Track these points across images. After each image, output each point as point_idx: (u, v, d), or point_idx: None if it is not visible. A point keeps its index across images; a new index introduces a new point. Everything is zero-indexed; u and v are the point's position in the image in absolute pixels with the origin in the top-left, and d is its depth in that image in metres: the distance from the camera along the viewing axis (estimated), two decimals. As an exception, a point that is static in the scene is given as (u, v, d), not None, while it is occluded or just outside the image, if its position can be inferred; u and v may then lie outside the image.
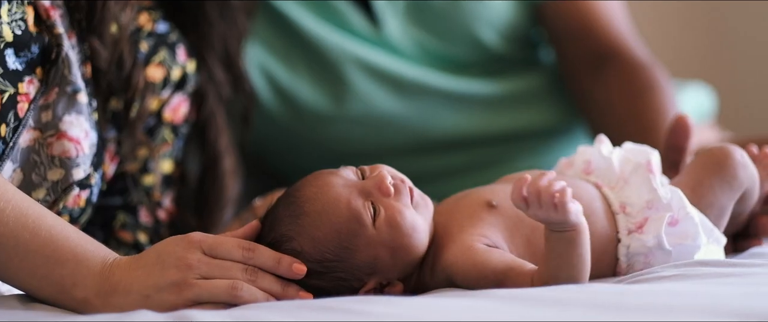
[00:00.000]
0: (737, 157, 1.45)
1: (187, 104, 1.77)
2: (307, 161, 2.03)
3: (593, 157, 1.48)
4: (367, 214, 1.33)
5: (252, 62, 2.03)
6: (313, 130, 2.08)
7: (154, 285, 1.29)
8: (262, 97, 2.05)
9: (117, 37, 1.63)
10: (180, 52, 1.75)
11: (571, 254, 1.26)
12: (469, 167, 2.12)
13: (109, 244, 1.69)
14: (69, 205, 1.55)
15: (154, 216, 1.74)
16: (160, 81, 1.72)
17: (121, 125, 1.67)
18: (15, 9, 1.49)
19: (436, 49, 2.08)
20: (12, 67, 1.47)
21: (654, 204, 1.39)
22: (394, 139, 2.09)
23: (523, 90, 2.14)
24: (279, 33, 2.06)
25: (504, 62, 2.12)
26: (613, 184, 1.44)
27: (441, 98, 2.09)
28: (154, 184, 1.74)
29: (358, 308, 1.14)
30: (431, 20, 2.07)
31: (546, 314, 1.12)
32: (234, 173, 1.84)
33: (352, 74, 2.05)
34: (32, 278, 1.31)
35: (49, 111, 1.52)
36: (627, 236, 1.40)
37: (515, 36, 2.11)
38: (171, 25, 1.76)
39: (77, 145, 1.53)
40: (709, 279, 1.24)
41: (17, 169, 1.49)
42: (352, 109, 2.06)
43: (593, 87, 2.06)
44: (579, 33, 2.08)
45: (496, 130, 2.13)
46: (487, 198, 1.39)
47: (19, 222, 1.30)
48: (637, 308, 1.11)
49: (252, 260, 1.32)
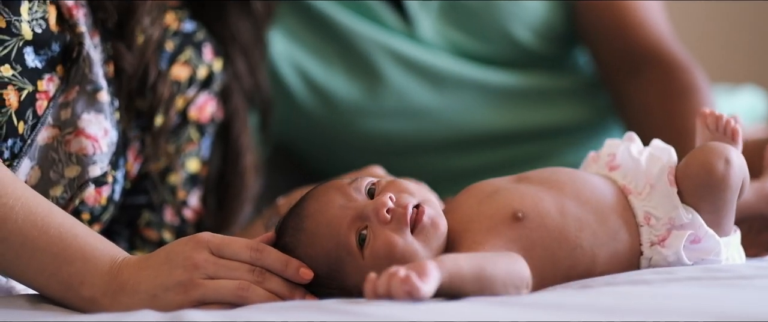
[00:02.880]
0: (719, 172, 1.36)
1: (214, 103, 1.77)
2: (343, 157, 2.04)
3: (620, 153, 1.45)
4: (354, 244, 1.30)
5: (285, 60, 2.04)
6: (349, 125, 2.08)
7: (162, 285, 1.29)
8: (296, 94, 2.06)
9: (143, 48, 1.64)
10: (206, 50, 1.75)
11: (468, 291, 1.23)
12: (507, 163, 2.10)
13: (135, 242, 1.71)
14: (90, 203, 1.56)
15: (179, 215, 1.74)
16: (185, 80, 1.72)
17: (145, 126, 1.68)
18: (36, 8, 1.50)
19: (469, 47, 2.07)
20: (31, 65, 1.48)
21: (675, 222, 1.37)
22: (430, 133, 2.09)
23: (560, 86, 2.13)
24: (312, 29, 2.07)
25: (540, 59, 2.10)
26: (640, 189, 1.40)
27: (477, 91, 2.08)
28: (179, 183, 1.74)
29: (355, 309, 1.14)
30: (465, 19, 2.06)
31: (544, 317, 1.11)
32: (255, 170, 1.84)
33: (386, 66, 2.05)
34: (40, 276, 1.31)
35: (69, 109, 1.53)
36: (649, 248, 1.37)
37: (551, 35, 2.09)
38: (198, 24, 1.76)
39: (95, 143, 1.54)
40: (716, 283, 1.23)
41: (35, 166, 1.50)
42: (386, 102, 2.06)
43: (628, 89, 2.04)
44: (614, 33, 2.05)
45: (534, 125, 2.11)
46: (515, 208, 1.34)
47: (28, 220, 1.31)
48: (631, 311, 1.11)
49: (260, 261, 1.32)
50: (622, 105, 2.06)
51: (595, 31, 2.07)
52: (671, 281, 1.24)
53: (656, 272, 1.28)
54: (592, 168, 1.48)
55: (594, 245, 1.34)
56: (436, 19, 2.06)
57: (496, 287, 1.23)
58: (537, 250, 1.32)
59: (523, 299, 1.19)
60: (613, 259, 1.35)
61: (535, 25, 2.07)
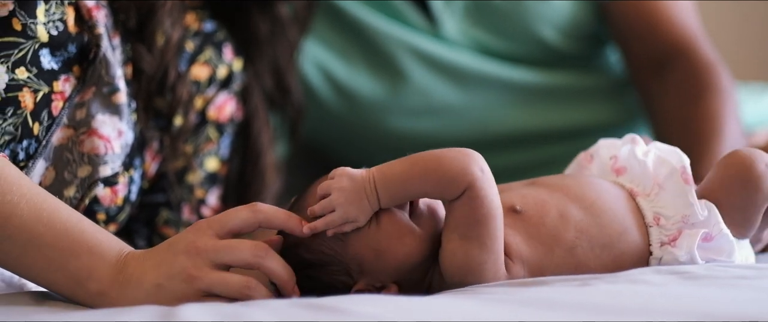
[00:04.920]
0: (758, 170, 1.38)
1: (234, 103, 1.79)
2: (367, 155, 2.04)
3: (624, 155, 1.45)
4: None
5: (308, 58, 2.05)
6: (372, 123, 2.08)
7: (166, 273, 1.29)
8: (319, 93, 2.07)
9: (163, 50, 1.66)
10: (227, 50, 1.77)
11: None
12: (531, 164, 2.10)
13: (154, 240, 1.73)
14: (105, 203, 1.58)
15: (198, 213, 1.76)
16: (205, 80, 1.74)
17: (163, 126, 1.69)
18: (53, 9, 1.51)
19: (494, 46, 2.07)
20: (47, 67, 1.50)
21: (689, 220, 1.36)
22: (454, 131, 2.09)
23: (587, 85, 2.12)
24: (336, 28, 2.07)
25: (566, 58, 2.10)
26: (647, 191, 1.40)
27: (501, 90, 2.07)
28: (197, 182, 1.76)
29: (347, 308, 1.14)
30: (490, 19, 2.06)
31: (537, 315, 1.11)
32: (275, 169, 1.85)
33: (409, 65, 2.06)
34: (47, 272, 1.32)
35: (84, 109, 1.54)
36: (659, 248, 1.37)
37: (578, 34, 2.08)
38: (218, 24, 1.78)
39: (107, 143, 1.56)
40: (715, 282, 1.22)
41: (49, 167, 1.52)
42: (410, 101, 2.07)
43: (654, 88, 2.02)
44: (643, 32, 2.04)
45: (559, 125, 2.10)
46: (512, 203, 1.37)
47: (34, 216, 1.31)
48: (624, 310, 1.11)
49: (256, 216, 1.32)
50: (647, 104, 2.05)
51: (625, 30, 2.06)
52: (671, 281, 1.24)
53: (658, 272, 1.28)
54: (588, 171, 1.49)
55: (595, 246, 1.35)
56: (460, 19, 2.06)
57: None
58: (535, 242, 1.34)
59: (518, 296, 1.18)
60: (619, 259, 1.35)
61: (562, 25, 2.06)
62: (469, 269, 1.29)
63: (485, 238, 1.29)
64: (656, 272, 1.27)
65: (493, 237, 1.29)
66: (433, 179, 1.29)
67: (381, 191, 1.30)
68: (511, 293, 1.21)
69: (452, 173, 1.28)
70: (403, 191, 1.30)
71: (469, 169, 1.28)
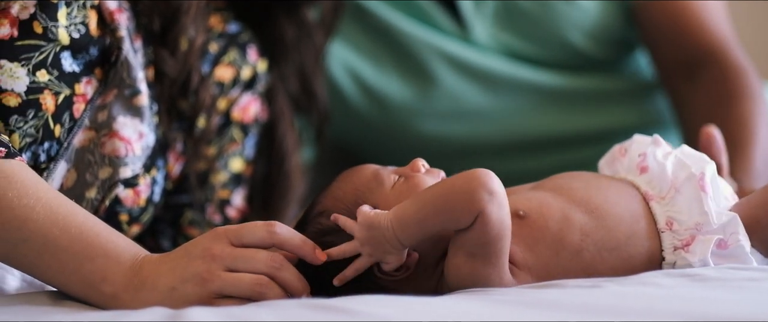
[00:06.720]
0: None
1: (258, 104, 1.80)
2: (396, 158, 2.04)
3: (649, 155, 1.44)
4: (389, 177, 1.37)
5: (338, 62, 2.06)
6: (401, 127, 2.09)
7: (180, 277, 1.30)
8: (348, 96, 2.07)
9: (186, 54, 1.67)
10: (251, 51, 1.78)
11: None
12: (560, 168, 2.05)
13: (178, 241, 1.74)
14: (128, 204, 1.59)
15: (222, 214, 1.77)
16: (229, 81, 1.75)
17: (186, 128, 1.71)
18: (75, 12, 1.52)
19: (524, 50, 2.07)
20: (68, 70, 1.51)
21: (702, 228, 1.35)
22: (483, 135, 2.08)
23: (616, 89, 2.11)
24: (365, 31, 2.08)
25: (595, 62, 2.09)
26: (663, 194, 1.39)
27: (530, 94, 2.07)
28: (221, 182, 1.77)
29: (355, 308, 1.14)
30: (520, 23, 2.06)
31: (540, 315, 1.11)
32: (301, 171, 1.86)
33: (439, 69, 2.06)
34: (62, 275, 1.32)
35: (106, 111, 1.56)
36: (672, 252, 1.36)
37: (608, 38, 2.07)
38: (243, 25, 1.79)
39: (128, 145, 1.57)
40: (724, 284, 1.21)
41: (71, 169, 1.53)
42: (439, 104, 2.07)
43: (684, 92, 2.01)
44: (673, 35, 2.02)
45: (588, 129, 2.09)
46: (516, 208, 1.36)
47: (49, 219, 1.32)
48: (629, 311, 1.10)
49: (271, 238, 1.32)
50: (678, 109, 2.04)
51: (655, 33, 2.05)
52: (681, 284, 1.23)
53: (668, 275, 1.27)
54: (620, 163, 1.48)
55: (602, 249, 1.34)
56: (490, 23, 2.06)
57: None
58: (540, 247, 1.34)
59: (525, 298, 1.18)
60: (628, 263, 1.34)
61: (591, 29, 2.05)
62: (473, 283, 1.29)
63: (491, 256, 1.28)
64: (667, 275, 1.26)
65: (500, 254, 1.29)
66: (444, 217, 1.28)
67: (401, 237, 1.29)
68: (520, 294, 1.21)
69: (460, 207, 1.27)
70: (420, 232, 1.29)
71: (476, 197, 1.27)
